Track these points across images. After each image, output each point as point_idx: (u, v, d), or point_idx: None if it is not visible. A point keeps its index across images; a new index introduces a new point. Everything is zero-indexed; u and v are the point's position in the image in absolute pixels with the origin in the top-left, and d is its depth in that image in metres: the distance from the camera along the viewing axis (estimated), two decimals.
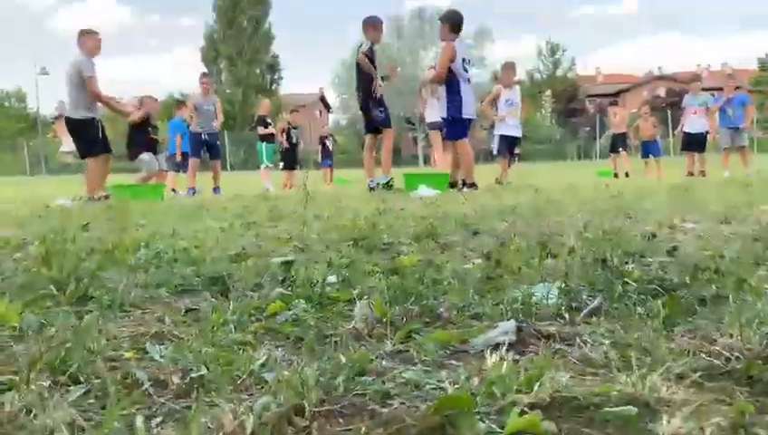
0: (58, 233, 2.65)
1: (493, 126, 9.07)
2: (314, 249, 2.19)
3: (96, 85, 6.47)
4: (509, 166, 8.73)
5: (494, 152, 8.87)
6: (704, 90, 11.69)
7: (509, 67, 8.83)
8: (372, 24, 7.13)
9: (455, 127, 6.76)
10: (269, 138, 11.99)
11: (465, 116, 6.65)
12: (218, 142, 9.68)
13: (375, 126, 7.13)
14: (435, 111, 10.03)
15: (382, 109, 7.03)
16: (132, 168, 9.29)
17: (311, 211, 3.63)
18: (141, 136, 8.63)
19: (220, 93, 41.07)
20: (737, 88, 10.35)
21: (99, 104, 6.70)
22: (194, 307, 1.36)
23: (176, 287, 1.56)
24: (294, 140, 12.33)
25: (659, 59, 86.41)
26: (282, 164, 12.45)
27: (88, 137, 6.59)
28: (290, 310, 1.26)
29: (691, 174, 9.84)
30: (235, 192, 8.14)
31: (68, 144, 8.12)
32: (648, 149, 12.07)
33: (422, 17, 49.85)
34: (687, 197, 3.96)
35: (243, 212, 3.92)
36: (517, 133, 8.61)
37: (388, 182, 6.96)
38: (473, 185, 6.58)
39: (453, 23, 6.78)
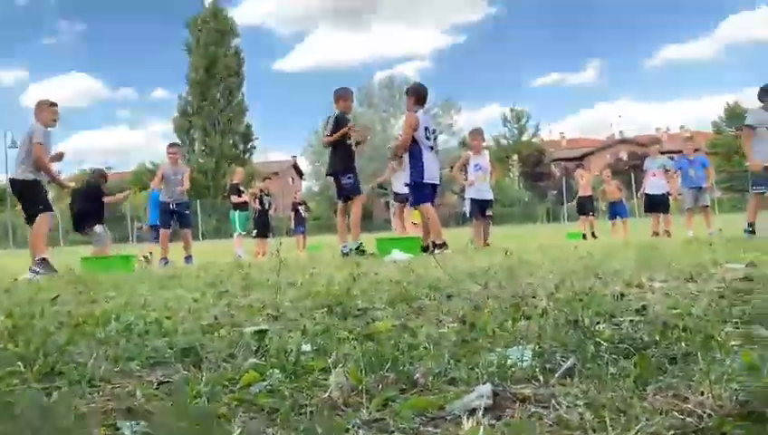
0: (25, 307, 2.60)
1: (463, 190, 9.27)
2: (288, 317, 2.18)
3: (42, 152, 6.51)
4: (488, 228, 8.84)
5: (467, 215, 9.01)
6: (663, 152, 12.13)
7: (477, 133, 9.09)
8: (342, 96, 7.37)
9: (417, 192, 6.96)
10: (242, 206, 12.00)
11: (427, 181, 6.84)
12: (188, 211, 9.61)
13: (344, 193, 7.25)
14: (401, 182, 10.32)
15: (350, 175, 7.12)
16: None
17: (284, 278, 3.61)
18: (94, 207, 8.60)
19: (193, 163, 41.22)
20: (696, 150, 10.72)
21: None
22: (166, 380, 1.34)
23: (147, 360, 1.53)
24: (267, 207, 12.36)
25: (621, 124, 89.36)
26: (255, 232, 12.42)
27: (34, 197, 6.65)
28: (264, 380, 1.25)
29: (656, 234, 10.06)
30: (207, 261, 8.07)
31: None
32: (615, 210, 12.39)
33: (391, 86, 51.24)
34: (654, 256, 4.05)
35: (215, 281, 3.88)
36: (488, 196, 8.77)
37: (358, 247, 6.96)
38: (443, 244, 6.69)
39: (418, 95, 7.12)
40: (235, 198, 11.93)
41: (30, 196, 6.66)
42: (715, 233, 8.45)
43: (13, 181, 6.71)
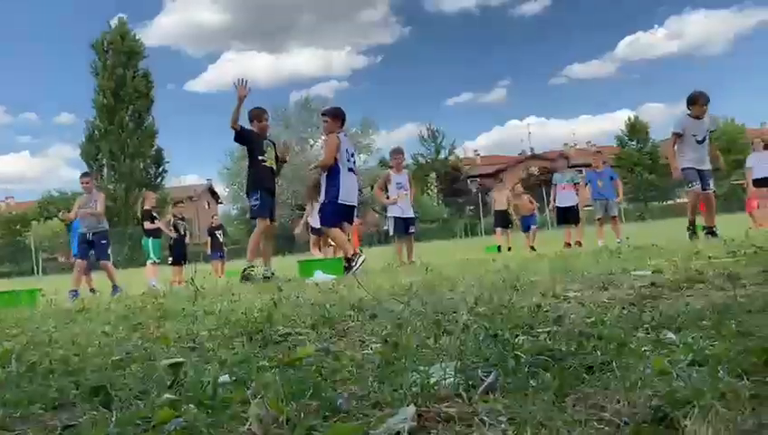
0: None
1: (385, 209, 9.34)
2: (205, 347, 2.09)
3: None
4: (411, 245, 8.92)
5: (391, 233, 9.06)
6: (572, 166, 12.68)
7: (398, 152, 9.19)
8: (256, 116, 7.26)
9: (328, 212, 6.95)
10: (155, 232, 11.58)
11: (341, 202, 6.86)
12: (104, 241, 9.19)
13: (250, 215, 7.20)
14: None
15: (257, 197, 6.94)
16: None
17: (201, 307, 3.49)
18: None
19: (102, 190, 39.39)
20: (604, 163, 11.30)
21: None
22: (71, 423, 1.24)
23: (51, 402, 1.43)
24: (183, 233, 11.99)
25: (531, 140, 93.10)
26: (170, 259, 12.00)
27: None
28: (179, 417, 1.18)
29: (568, 245, 10.45)
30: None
31: None
32: (528, 222, 12.86)
33: (308, 107, 51.16)
34: (568, 266, 4.19)
35: (127, 313, 3.69)
36: (410, 213, 8.87)
37: (245, 269, 6.80)
38: (354, 255, 6.74)
39: (336, 117, 7.13)
40: (147, 225, 11.50)
41: None
42: (623, 242, 8.86)
43: None
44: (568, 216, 11.07)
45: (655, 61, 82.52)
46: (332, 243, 10.79)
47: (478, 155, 71.50)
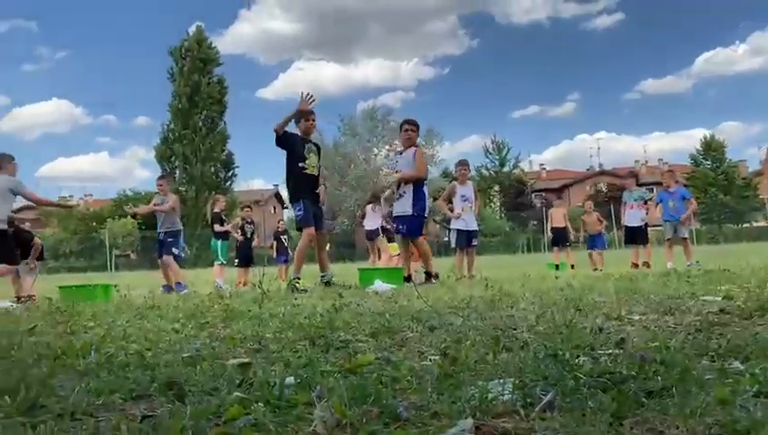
0: (2, 338, 2.57)
1: (447, 220, 9.32)
2: (270, 349, 2.18)
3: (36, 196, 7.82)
4: (473, 258, 8.89)
5: (453, 245, 9.04)
6: (642, 184, 12.32)
7: (463, 164, 9.16)
8: (303, 114, 6.81)
9: (416, 223, 7.06)
10: (224, 235, 11.94)
11: (426, 214, 7.20)
12: (170, 239, 9.49)
13: (297, 225, 6.95)
14: (374, 220, 10.54)
15: (300, 207, 6.66)
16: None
17: (266, 310, 3.61)
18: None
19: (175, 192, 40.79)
20: (677, 182, 10.92)
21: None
22: (150, 413, 1.33)
23: (130, 393, 1.53)
24: (249, 236, 12.30)
25: (600, 155, 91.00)
26: (237, 261, 12.33)
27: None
28: (249, 414, 1.25)
29: (636, 265, 10.16)
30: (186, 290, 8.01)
31: None
32: (594, 241, 12.54)
33: (374, 116, 51.61)
34: (633, 288, 4.10)
35: (195, 312, 3.85)
36: (474, 226, 8.85)
37: (290, 281, 6.49)
38: (436, 275, 6.95)
39: (419, 129, 7.36)
40: (217, 227, 11.87)
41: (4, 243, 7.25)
42: (693, 265, 8.56)
43: None
44: (636, 235, 10.76)
45: (734, 78, 79.16)
46: (393, 254, 10.93)
47: (544, 169, 70.31)
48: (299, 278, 6.58)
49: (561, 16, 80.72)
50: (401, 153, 7.36)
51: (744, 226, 47.74)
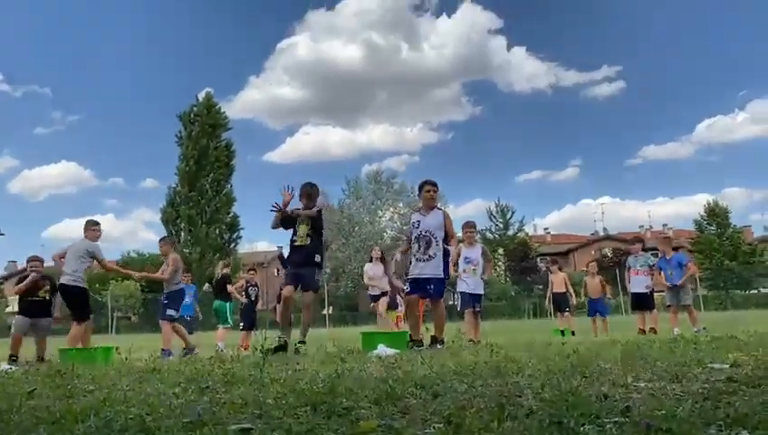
0: (2, 402, 2.54)
1: (454, 284, 9.26)
2: (272, 415, 2.15)
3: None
4: (477, 323, 8.78)
5: (459, 309, 8.95)
6: (647, 249, 12.29)
7: (469, 226, 9.09)
8: (306, 194, 7.36)
9: (442, 287, 7.08)
10: (229, 297, 11.94)
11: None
12: (165, 301, 9.43)
13: None
14: (381, 282, 10.45)
15: (285, 273, 7.44)
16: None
17: (267, 374, 3.57)
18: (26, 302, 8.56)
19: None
20: (675, 249, 10.90)
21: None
22: None
23: None
24: (253, 298, 12.26)
25: (604, 220, 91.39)
26: (241, 324, 12.25)
27: (81, 303, 8.44)
28: None
29: (642, 331, 10.04)
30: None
31: (13, 304, 8.34)
32: (595, 307, 12.40)
33: (378, 179, 52.21)
34: (639, 355, 4.05)
35: (196, 376, 3.81)
36: (478, 290, 8.73)
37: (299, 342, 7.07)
38: (442, 341, 6.90)
39: (438, 189, 7.33)
40: (230, 288, 11.91)
41: (78, 302, 8.41)
42: (700, 331, 8.45)
43: (64, 287, 8.24)
44: (641, 301, 10.68)
45: (735, 144, 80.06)
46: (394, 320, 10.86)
47: (548, 233, 70.46)
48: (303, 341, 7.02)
49: (562, 84, 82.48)
50: (424, 214, 7.13)
51: (752, 292, 47.29)
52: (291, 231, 7.35)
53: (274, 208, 7.21)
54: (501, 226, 57.68)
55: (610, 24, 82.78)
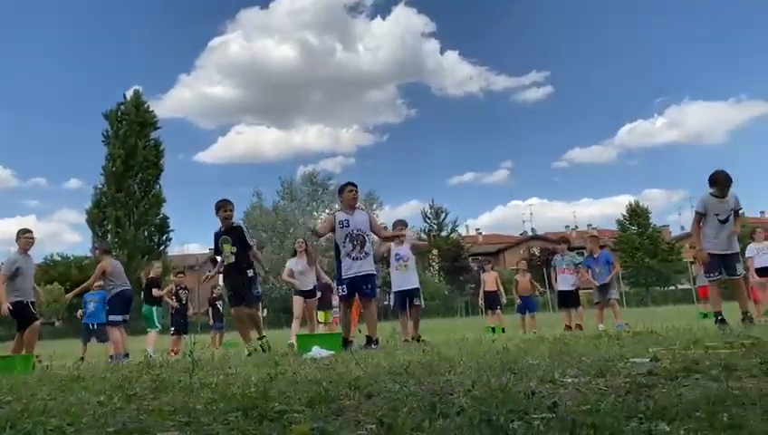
0: None
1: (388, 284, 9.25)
2: (201, 422, 2.10)
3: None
4: (417, 318, 8.77)
5: (392, 308, 8.95)
6: (572, 249, 12.71)
7: (400, 223, 9.09)
8: (221, 207, 7.62)
9: (376, 285, 7.19)
10: (158, 301, 11.58)
11: None
12: (106, 308, 9.33)
13: None
14: (306, 278, 10.13)
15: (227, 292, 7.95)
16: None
17: (197, 379, 3.48)
18: None
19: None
20: (602, 247, 11.25)
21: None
22: None
23: None
24: (184, 302, 11.95)
25: (533, 221, 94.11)
26: (172, 329, 11.91)
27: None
28: None
29: (569, 328, 10.37)
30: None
31: None
32: (525, 304, 12.76)
33: (314, 181, 51.88)
34: (566, 351, 4.18)
35: (123, 383, 3.68)
36: (408, 286, 8.69)
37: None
38: (377, 341, 6.89)
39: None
40: (156, 292, 11.52)
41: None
42: (622, 327, 8.80)
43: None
44: (567, 299, 11.04)
45: (654, 148, 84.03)
46: (321, 321, 10.76)
47: (480, 233, 71.91)
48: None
49: (493, 89, 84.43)
50: (349, 213, 7.11)
51: (670, 288, 49.70)
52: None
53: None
54: (435, 227, 58.43)
55: (539, 31, 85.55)
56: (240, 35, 79.81)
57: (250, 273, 7.36)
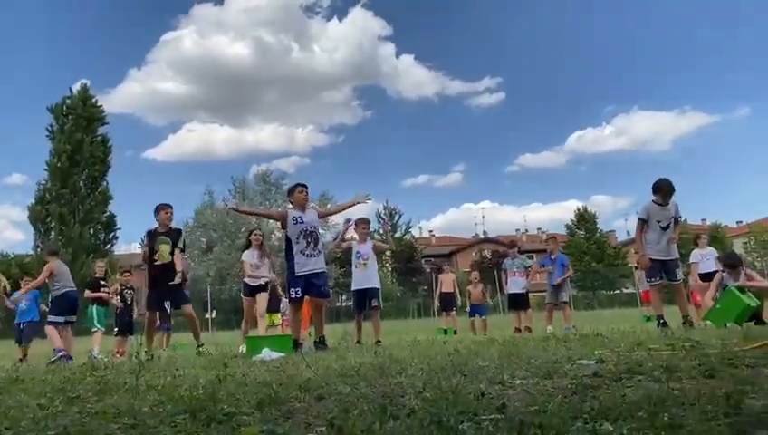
0: None
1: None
2: (147, 424, 2.05)
3: None
4: (377, 319, 8.65)
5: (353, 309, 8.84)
6: (523, 252, 12.95)
7: (364, 221, 8.94)
8: (160, 210, 7.95)
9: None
10: (101, 300, 11.22)
11: None
12: (49, 307, 9.16)
13: None
14: (261, 270, 9.83)
15: (148, 294, 7.80)
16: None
17: (144, 381, 3.40)
18: None
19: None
20: (558, 249, 11.42)
21: None
22: None
23: None
24: (129, 302, 11.64)
25: (485, 224, 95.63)
26: (116, 329, 11.57)
27: None
28: None
29: (518, 330, 10.55)
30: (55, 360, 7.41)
31: None
32: (475, 309, 12.96)
33: (267, 181, 51.31)
34: (516, 353, 4.25)
35: (65, 385, 3.56)
36: (368, 284, 8.53)
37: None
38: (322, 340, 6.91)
39: None
40: (88, 292, 11.15)
41: None
42: (570, 329, 8.99)
43: None
44: (518, 301, 11.22)
45: (602, 155, 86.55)
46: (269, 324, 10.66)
47: (433, 235, 72.52)
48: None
49: (447, 93, 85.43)
50: (301, 211, 6.99)
51: (616, 292, 51.12)
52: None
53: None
54: (389, 227, 58.62)
55: (493, 38, 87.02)
56: (194, 31, 78.56)
57: (179, 277, 7.59)
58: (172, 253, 7.60)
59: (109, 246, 44.51)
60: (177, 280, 7.54)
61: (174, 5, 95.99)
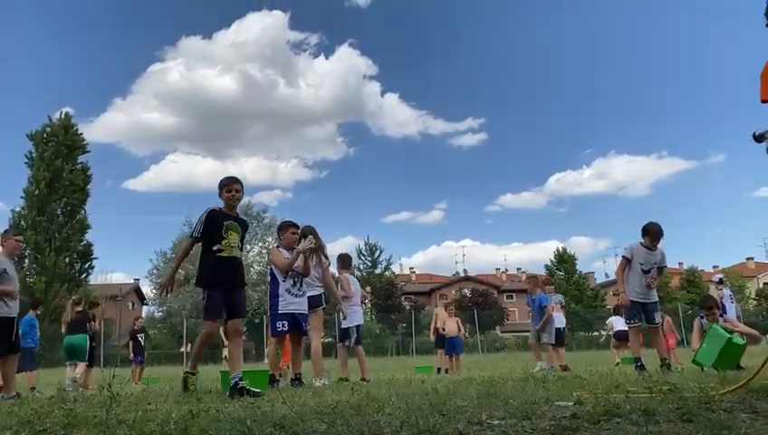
0: None
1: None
2: None
3: None
4: (362, 356, 8.56)
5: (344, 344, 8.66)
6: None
7: (345, 258, 8.99)
8: (224, 185, 5.98)
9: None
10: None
11: None
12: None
13: None
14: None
15: (203, 296, 5.65)
16: None
17: (114, 415, 3.31)
18: None
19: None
20: (539, 288, 11.15)
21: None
22: None
23: None
24: (91, 334, 11.42)
25: (465, 262, 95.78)
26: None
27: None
28: None
29: (566, 368, 10.35)
30: (25, 392, 7.19)
31: None
32: (453, 342, 12.86)
33: (249, 213, 51.15)
34: (494, 393, 4.22)
35: (32, 418, 3.46)
36: (351, 323, 8.46)
37: (185, 376, 5.88)
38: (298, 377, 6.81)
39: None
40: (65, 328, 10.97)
41: None
42: (549, 371, 8.96)
43: None
44: (558, 337, 11.00)
45: (582, 197, 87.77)
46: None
47: (414, 272, 72.39)
48: (192, 373, 5.84)
49: (430, 132, 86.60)
50: (290, 252, 6.89)
51: (594, 334, 51.17)
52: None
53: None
54: (369, 264, 58.45)
55: (476, 79, 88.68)
56: (181, 63, 79.02)
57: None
58: (240, 248, 5.77)
59: (84, 275, 43.73)
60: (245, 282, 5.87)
61: (162, 37, 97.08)
